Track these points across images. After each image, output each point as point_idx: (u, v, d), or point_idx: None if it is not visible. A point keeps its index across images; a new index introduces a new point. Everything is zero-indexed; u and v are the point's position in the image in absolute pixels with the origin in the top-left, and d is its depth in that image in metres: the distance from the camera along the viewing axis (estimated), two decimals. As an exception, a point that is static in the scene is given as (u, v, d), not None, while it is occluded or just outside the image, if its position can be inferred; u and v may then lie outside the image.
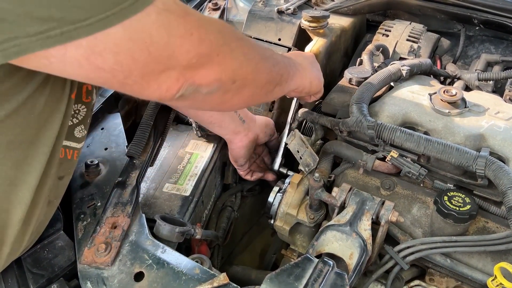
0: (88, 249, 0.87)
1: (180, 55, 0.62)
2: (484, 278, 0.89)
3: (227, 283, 0.79)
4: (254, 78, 0.78)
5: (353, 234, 0.90)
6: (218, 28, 0.69)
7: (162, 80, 0.62)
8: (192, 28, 0.62)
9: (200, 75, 0.65)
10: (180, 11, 0.61)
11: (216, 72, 0.68)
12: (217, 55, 0.67)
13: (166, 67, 0.61)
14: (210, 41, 0.65)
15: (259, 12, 1.49)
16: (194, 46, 0.63)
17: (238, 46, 0.73)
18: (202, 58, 0.65)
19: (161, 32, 0.58)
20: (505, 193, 0.86)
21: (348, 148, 1.07)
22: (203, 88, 0.68)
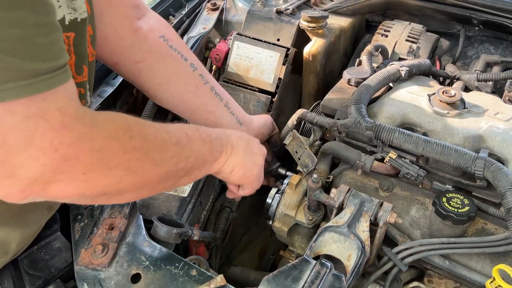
0: (85, 251, 0.86)
1: (33, 167, 0.53)
2: (482, 280, 0.88)
3: (224, 285, 0.79)
4: (136, 187, 0.70)
5: (351, 236, 0.90)
6: (100, 144, 0.59)
7: (3, 185, 0.54)
8: (60, 144, 0.54)
9: (54, 190, 0.57)
10: (58, 122, 0.53)
11: (77, 188, 0.60)
12: (83, 173, 0.58)
13: (11, 175, 0.53)
14: (77, 160, 0.57)
15: (258, 12, 1.49)
16: (54, 162, 0.54)
17: (122, 162, 0.63)
18: (60, 174, 0.56)
19: (19, 139, 0.51)
20: (504, 195, 0.86)
21: (346, 149, 1.07)
22: (59, 199, 0.61)
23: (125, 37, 0.95)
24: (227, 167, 0.90)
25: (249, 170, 0.95)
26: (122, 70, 1.01)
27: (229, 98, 1.13)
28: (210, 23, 1.51)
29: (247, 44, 1.36)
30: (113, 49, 0.95)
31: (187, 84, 1.04)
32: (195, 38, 1.42)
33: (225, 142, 0.88)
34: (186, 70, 1.03)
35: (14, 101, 0.49)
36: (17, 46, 0.49)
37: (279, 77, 1.34)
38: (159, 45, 0.99)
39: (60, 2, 0.65)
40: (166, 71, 1.01)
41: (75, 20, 0.69)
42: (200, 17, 1.55)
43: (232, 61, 1.38)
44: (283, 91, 1.37)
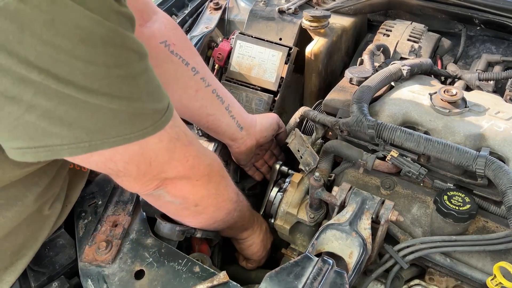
0: (89, 247, 0.87)
1: (170, 171, 0.75)
2: (483, 278, 0.89)
3: (227, 281, 0.80)
4: (215, 210, 0.91)
5: (353, 233, 0.90)
6: (210, 161, 0.83)
7: (145, 183, 0.74)
8: (189, 156, 0.76)
9: (173, 184, 0.78)
10: (186, 140, 0.75)
11: (186, 190, 0.81)
12: (196, 180, 0.80)
13: (155, 177, 0.74)
14: (198, 169, 0.79)
15: (260, 11, 1.49)
16: (184, 168, 0.77)
17: (216, 182, 0.86)
18: (184, 176, 0.78)
19: (165, 155, 0.72)
20: (505, 193, 0.86)
21: (348, 147, 1.07)
22: (168, 196, 0.79)
23: None
24: (248, 242, 1.11)
25: (261, 250, 1.14)
26: None
27: (231, 100, 1.13)
28: (212, 23, 1.52)
29: (250, 43, 1.37)
30: None
31: (186, 88, 1.04)
32: (197, 38, 1.42)
33: (253, 220, 1.10)
34: (185, 75, 1.04)
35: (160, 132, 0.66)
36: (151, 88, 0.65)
37: (281, 76, 1.35)
38: (159, 51, 1.00)
39: None
40: (164, 77, 1.01)
41: None
42: (203, 16, 1.56)
43: (234, 60, 1.38)
44: (285, 90, 1.38)
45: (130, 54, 0.59)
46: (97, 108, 0.57)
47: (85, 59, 0.53)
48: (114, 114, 0.59)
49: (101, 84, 0.56)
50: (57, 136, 0.57)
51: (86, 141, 0.58)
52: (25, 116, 0.54)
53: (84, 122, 0.57)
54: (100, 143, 0.60)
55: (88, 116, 0.57)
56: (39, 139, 0.56)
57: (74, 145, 0.58)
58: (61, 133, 0.56)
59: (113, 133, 0.60)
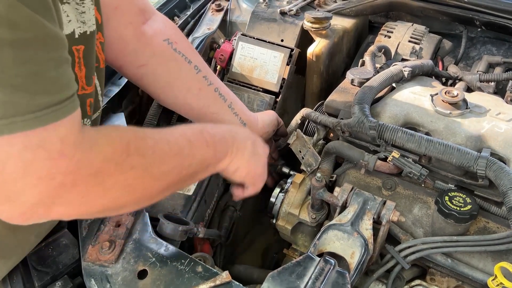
0: (92, 247, 0.88)
1: (31, 194, 0.55)
2: (484, 278, 0.89)
3: (229, 281, 0.80)
4: (137, 201, 0.71)
5: (354, 234, 0.91)
6: (97, 168, 0.59)
7: (4, 209, 0.56)
8: (57, 173, 0.55)
9: (54, 212, 0.59)
10: (56, 151, 0.54)
11: (76, 210, 0.62)
12: (81, 197, 0.60)
13: (10, 200, 0.55)
14: (74, 186, 0.57)
15: (262, 13, 1.50)
16: (50, 189, 0.56)
17: (118, 181, 0.64)
18: (58, 199, 0.57)
19: (17, 168, 0.52)
20: (506, 194, 0.87)
21: (350, 148, 1.08)
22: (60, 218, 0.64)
23: (129, 42, 0.96)
24: (231, 168, 0.90)
25: (252, 171, 0.95)
26: (126, 73, 1.03)
27: (233, 98, 1.13)
28: (214, 24, 1.52)
29: (251, 45, 1.38)
30: (117, 54, 0.96)
31: (190, 87, 1.05)
32: (200, 39, 1.43)
33: (231, 143, 0.88)
34: (189, 73, 1.04)
35: (17, 133, 0.51)
36: (29, 81, 0.51)
37: (283, 77, 1.35)
38: (163, 49, 1.00)
39: (70, 17, 0.66)
40: (168, 75, 1.02)
41: (84, 34, 0.71)
42: (205, 18, 1.57)
43: (236, 62, 1.39)
44: (287, 91, 1.39)
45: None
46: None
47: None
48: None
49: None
50: None
51: None
52: None
53: None
54: None
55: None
56: None
57: None
58: None
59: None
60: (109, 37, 0.91)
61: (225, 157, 0.87)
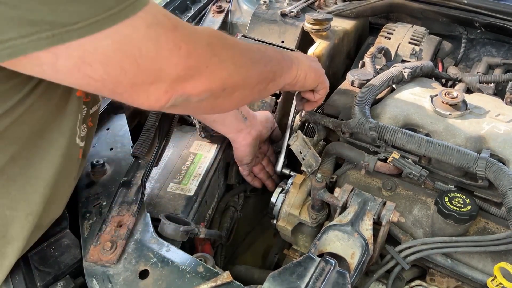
0: (94, 247, 0.88)
1: (169, 68, 0.63)
2: (484, 278, 0.89)
3: (230, 281, 0.81)
4: (244, 82, 0.79)
5: (354, 234, 0.91)
6: (208, 40, 0.69)
7: (151, 91, 0.63)
8: (181, 42, 0.63)
9: (189, 86, 0.67)
10: (170, 24, 0.62)
11: (205, 83, 0.69)
12: (206, 67, 0.68)
13: (155, 80, 0.63)
14: (198, 54, 0.66)
15: (263, 14, 1.51)
16: (183, 59, 0.64)
17: (228, 56, 0.73)
18: (191, 70, 0.66)
19: (150, 46, 0.59)
20: (505, 194, 0.87)
21: (350, 149, 1.08)
22: (193, 98, 0.69)
23: None
24: (301, 74, 0.98)
25: (318, 71, 1.04)
26: None
27: None
28: (215, 25, 1.53)
29: (252, 46, 1.38)
30: None
31: None
32: (200, 40, 1.43)
33: (289, 55, 0.96)
34: None
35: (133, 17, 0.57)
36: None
37: (283, 78, 1.35)
38: None
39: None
40: None
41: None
42: (206, 19, 1.57)
43: (237, 63, 1.39)
44: (288, 92, 1.39)
45: None
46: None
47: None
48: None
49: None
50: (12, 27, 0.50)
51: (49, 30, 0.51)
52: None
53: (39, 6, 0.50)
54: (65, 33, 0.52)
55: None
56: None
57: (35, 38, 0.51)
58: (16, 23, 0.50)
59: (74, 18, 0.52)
60: None
61: (292, 65, 0.95)
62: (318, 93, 1.09)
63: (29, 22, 0.50)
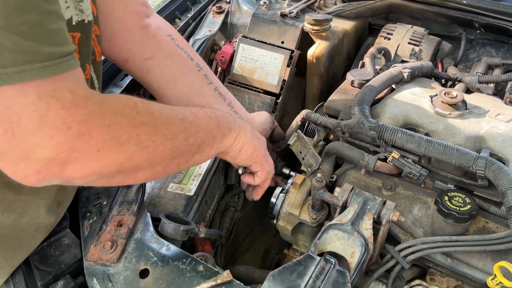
0: (94, 247, 0.88)
1: (47, 147, 0.55)
2: (484, 278, 0.89)
3: (230, 280, 0.81)
4: (150, 162, 0.70)
5: (354, 233, 0.91)
6: (111, 120, 0.60)
7: (20, 167, 0.56)
8: (73, 122, 0.55)
9: (71, 169, 0.58)
10: (69, 101, 0.55)
11: (93, 167, 0.61)
12: (97, 150, 0.59)
13: (26, 156, 0.54)
14: (91, 137, 0.58)
15: (263, 15, 1.51)
16: (68, 140, 0.55)
17: (131, 136, 0.64)
18: (75, 153, 0.57)
19: (33, 119, 0.52)
20: (505, 194, 0.87)
21: (350, 149, 1.09)
22: (76, 180, 0.62)
23: (135, 32, 0.96)
24: (236, 145, 0.91)
25: (257, 150, 0.96)
26: (131, 68, 1.01)
27: (232, 98, 1.15)
28: (215, 26, 1.54)
29: (252, 47, 1.39)
30: (122, 45, 0.96)
31: (193, 84, 1.05)
32: (201, 41, 1.44)
33: (232, 121, 0.90)
34: (192, 70, 1.05)
35: (29, 82, 0.51)
36: (34, 30, 0.51)
37: (283, 79, 1.36)
38: (167, 43, 1.01)
39: (68, 3, 0.67)
40: (173, 69, 1.02)
41: (82, 22, 0.71)
42: (206, 20, 1.58)
43: (237, 63, 1.40)
44: (287, 92, 1.40)
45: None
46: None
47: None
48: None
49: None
50: None
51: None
52: None
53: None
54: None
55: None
56: None
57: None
58: None
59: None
60: (114, 28, 0.91)
61: (229, 132, 0.88)
62: (257, 175, 1.02)
63: None
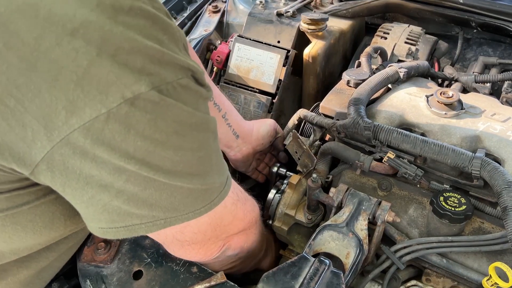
0: (88, 248, 0.88)
1: (232, 229, 0.79)
2: (479, 278, 0.89)
3: (224, 281, 0.81)
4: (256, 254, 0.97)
5: (349, 234, 0.91)
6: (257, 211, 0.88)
7: (209, 246, 0.77)
8: (247, 213, 0.81)
9: (234, 239, 0.82)
10: (243, 198, 0.80)
11: (243, 240, 0.86)
12: (249, 228, 0.86)
13: (218, 238, 0.77)
14: (250, 221, 0.84)
15: (259, 14, 1.50)
16: (243, 224, 0.82)
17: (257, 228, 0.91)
18: (242, 230, 0.83)
19: (229, 217, 0.75)
20: (500, 194, 0.87)
21: (345, 149, 1.08)
22: (229, 251, 0.83)
23: None
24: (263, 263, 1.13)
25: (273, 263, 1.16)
26: None
27: (229, 108, 1.13)
28: (211, 26, 1.53)
29: (248, 46, 1.38)
30: None
31: None
32: (196, 40, 1.43)
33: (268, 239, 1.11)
34: None
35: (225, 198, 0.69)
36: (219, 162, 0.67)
37: (279, 78, 1.36)
38: None
39: None
40: None
41: None
42: (202, 19, 1.57)
43: (233, 63, 1.39)
44: (283, 92, 1.39)
45: (209, 135, 0.62)
46: (177, 189, 0.60)
47: (176, 147, 0.56)
48: (190, 192, 0.62)
49: (185, 166, 0.59)
50: (138, 216, 0.59)
51: (162, 218, 0.61)
52: (113, 201, 0.57)
53: (163, 202, 0.59)
54: (175, 219, 0.62)
55: (168, 196, 0.59)
56: (122, 220, 0.59)
57: (151, 224, 0.61)
58: (142, 214, 0.59)
59: (187, 209, 0.63)
60: None
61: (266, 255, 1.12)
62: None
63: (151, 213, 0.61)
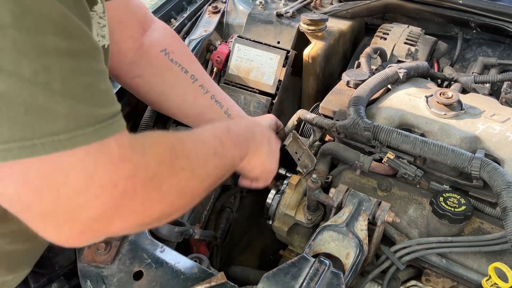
0: (88, 248, 0.88)
1: (93, 206, 0.51)
2: (479, 278, 0.90)
3: (224, 282, 0.81)
4: (188, 204, 0.68)
5: (349, 234, 0.91)
6: (153, 171, 0.57)
7: (63, 229, 0.53)
8: (119, 179, 0.52)
9: (113, 227, 0.56)
10: (116, 156, 0.52)
11: (135, 219, 0.58)
12: (141, 204, 0.57)
13: (72, 217, 0.51)
14: (135, 192, 0.55)
15: (259, 15, 1.51)
16: (114, 198, 0.52)
17: (173, 185, 0.62)
18: (120, 209, 0.54)
19: (79, 177, 0.49)
20: (500, 194, 0.87)
21: (345, 149, 1.08)
22: (117, 233, 0.59)
23: (127, 54, 0.97)
24: (248, 167, 0.90)
25: (266, 169, 0.96)
26: (121, 82, 1.05)
27: (230, 104, 1.14)
28: (211, 26, 1.53)
29: (248, 47, 1.38)
30: (115, 64, 0.97)
31: (185, 96, 1.06)
32: (196, 41, 1.43)
33: (251, 143, 0.88)
34: (185, 83, 1.05)
35: (79, 148, 0.48)
36: (87, 93, 0.49)
37: (279, 79, 1.36)
38: (159, 59, 1.01)
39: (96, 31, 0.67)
40: (163, 85, 1.04)
41: (103, 47, 0.71)
42: (202, 20, 1.57)
43: (233, 63, 1.39)
44: (283, 93, 1.39)
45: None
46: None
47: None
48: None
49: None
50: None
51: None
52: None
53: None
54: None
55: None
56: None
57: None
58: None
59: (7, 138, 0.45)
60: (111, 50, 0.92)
61: (246, 156, 0.87)
62: (257, 183, 1.03)
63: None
